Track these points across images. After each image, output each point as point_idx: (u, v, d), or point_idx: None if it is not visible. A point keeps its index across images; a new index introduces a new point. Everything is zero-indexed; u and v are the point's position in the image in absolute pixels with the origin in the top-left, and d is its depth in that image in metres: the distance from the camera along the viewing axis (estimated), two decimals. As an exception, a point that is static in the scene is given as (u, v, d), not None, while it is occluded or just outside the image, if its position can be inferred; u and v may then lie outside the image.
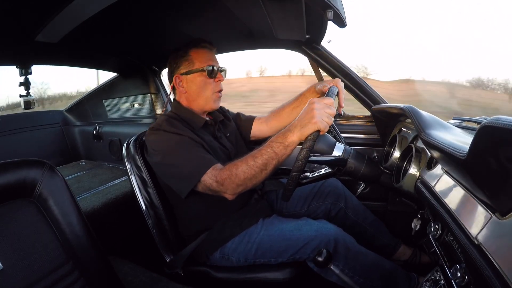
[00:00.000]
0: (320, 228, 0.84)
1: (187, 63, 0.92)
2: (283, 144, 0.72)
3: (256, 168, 0.73)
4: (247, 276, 0.86)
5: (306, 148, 0.67)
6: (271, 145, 0.73)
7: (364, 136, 1.32)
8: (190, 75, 0.92)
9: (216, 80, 0.93)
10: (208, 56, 0.93)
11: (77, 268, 0.59)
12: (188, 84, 0.93)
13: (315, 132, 0.68)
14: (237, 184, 0.75)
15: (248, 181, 0.74)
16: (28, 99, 1.33)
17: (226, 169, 0.76)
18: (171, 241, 0.96)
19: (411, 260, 1.08)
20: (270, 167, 0.73)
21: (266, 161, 0.72)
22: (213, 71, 0.92)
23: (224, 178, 0.75)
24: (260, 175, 0.74)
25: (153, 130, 0.87)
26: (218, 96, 0.96)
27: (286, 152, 0.72)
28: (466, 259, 0.49)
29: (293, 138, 0.71)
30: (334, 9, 0.68)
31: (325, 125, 0.68)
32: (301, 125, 0.69)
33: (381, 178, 0.93)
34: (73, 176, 1.77)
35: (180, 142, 0.83)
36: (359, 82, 1.23)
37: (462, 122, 0.96)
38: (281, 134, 0.73)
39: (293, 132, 0.70)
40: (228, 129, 1.07)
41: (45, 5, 0.75)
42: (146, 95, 1.71)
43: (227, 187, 0.76)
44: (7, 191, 0.54)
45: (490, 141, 0.38)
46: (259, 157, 0.73)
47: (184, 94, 0.95)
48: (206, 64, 0.91)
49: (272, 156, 0.72)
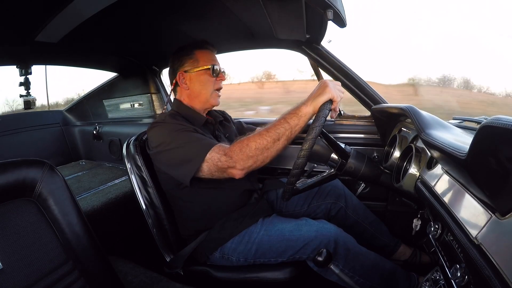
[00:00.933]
0: (320, 228, 0.84)
1: (191, 61, 0.94)
2: (296, 115, 0.73)
3: (268, 138, 0.73)
4: (247, 275, 0.86)
5: (321, 115, 0.68)
6: (284, 117, 0.74)
7: (364, 136, 1.32)
8: (194, 72, 0.94)
9: (218, 79, 0.96)
10: (211, 56, 0.97)
11: (77, 268, 0.59)
12: (192, 81, 0.95)
13: (329, 101, 0.70)
14: (247, 155, 0.73)
15: (260, 153, 0.73)
16: (28, 99, 1.33)
17: (237, 143, 0.76)
18: (171, 241, 0.96)
19: (411, 260, 1.08)
20: (283, 139, 0.73)
21: (279, 131, 0.73)
22: (216, 70, 0.94)
23: (234, 149, 0.75)
24: (272, 146, 0.73)
25: (156, 123, 0.88)
26: (217, 94, 0.98)
27: (300, 123, 0.73)
28: (466, 259, 0.49)
29: (307, 108, 0.72)
30: (334, 9, 0.68)
31: (338, 94, 0.71)
32: (315, 96, 0.72)
33: (381, 178, 0.93)
34: (73, 176, 1.78)
35: (184, 129, 0.83)
36: (359, 82, 1.23)
37: (462, 122, 0.96)
38: (295, 108, 0.75)
39: (307, 104, 0.73)
40: (227, 130, 1.07)
41: (45, 5, 0.75)
42: (146, 95, 1.72)
43: (236, 160, 0.74)
44: (7, 191, 0.54)
45: (490, 141, 0.37)
46: (272, 128, 0.74)
47: (186, 91, 0.96)
48: (210, 63, 0.94)
49: (285, 127, 0.73)
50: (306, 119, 0.73)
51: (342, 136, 1.33)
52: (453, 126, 0.81)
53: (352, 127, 1.35)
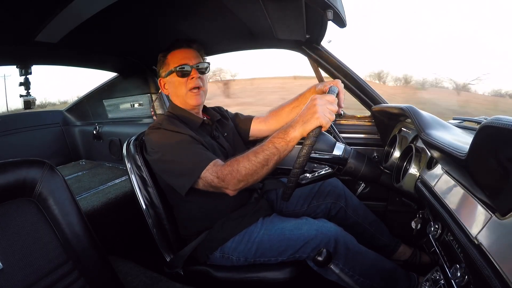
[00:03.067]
0: (320, 227, 0.84)
1: (164, 66, 0.95)
2: (284, 140, 0.72)
3: (257, 163, 0.73)
4: (247, 275, 0.86)
5: (308, 144, 0.67)
6: (272, 141, 0.73)
7: (364, 136, 1.32)
8: (167, 77, 0.95)
9: (189, 78, 0.92)
10: (182, 55, 0.92)
11: (77, 268, 0.59)
12: (169, 86, 0.96)
13: (317, 128, 0.68)
14: (238, 179, 0.75)
15: (249, 177, 0.75)
16: (28, 99, 1.33)
17: (228, 165, 0.77)
18: (171, 241, 0.96)
19: (411, 260, 1.08)
20: (272, 163, 0.74)
21: (267, 156, 0.73)
22: (184, 70, 0.91)
23: (226, 173, 0.76)
24: (261, 171, 0.74)
25: (153, 128, 0.88)
26: (194, 93, 0.93)
27: (288, 148, 0.72)
28: (466, 259, 0.49)
29: (295, 133, 0.71)
30: (334, 9, 0.68)
31: (327, 120, 0.68)
32: (303, 120, 0.69)
33: (381, 178, 0.93)
34: (73, 176, 1.78)
35: (181, 139, 0.83)
36: (359, 82, 1.23)
37: (462, 122, 0.96)
38: (283, 130, 0.73)
39: (295, 128, 0.71)
40: (225, 129, 1.07)
41: (45, 5, 0.75)
42: (146, 95, 1.71)
43: (228, 183, 0.76)
44: (7, 191, 0.54)
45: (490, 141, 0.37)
46: (260, 153, 0.74)
47: (171, 95, 0.99)
48: (178, 64, 0.91)
49: (274, 152, 0.73)
50: (294, 143, 0.72)
51: (342, 136, 1.33)
52: (453, 126, 0.81)
53: (352, 127, 1.35)
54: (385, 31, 21.24)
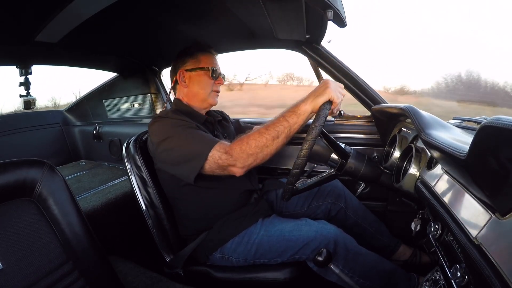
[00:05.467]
0: (319, 228, 0.84)
1: (193, 61, 0.96)
2: (295, 113, 0.73)
3: (267, 135, 0.73)
4: (247, 276, 0.86)
5: (321, 115, 0.68)
6: (283, 115, 0.74)
7: (364, 136, 1.32)
8: (194, 72, 0.96)
9: (216, 82, 0.99)
10: (213, 60, 1.00)
11: (77, 268, 0.59)
12: (191, 80, 0.97)
13: (328, 102, 0.70)
14: (247, 153, 0.74)
15: (259, 151, 0.74)
16: (28, 99, 1.33)
17: (237, 141, 0.77)
18: (171, 241, 0.96)
19: (411, 260, 1.08)
20: (282, 136, 0.74)
21: (278, 129, 0.73)
22: (216, 73, 0.97)
23: (234, 147, 0.75)
24: (271, 144, 0.74)
25: (158, 118, 0.89)
26: (216, 94, 1.01)
27: (298, 121, 0.73)
28: (466, 259, 0.49)
29: (306, 107, 0.72)
30: (334, 9, 0.68)
31: (338, 96, 0.71)
32: (315, 95, 0.72)
33: (381, 178, 0.93)
34: (73, 176, 1.78)
35: (186, 126, 0.84)
36: (359, 82, 1.22)
37: (462, 122, 0.95)
38: (294, 106, 0.74)
39: (306, 102, 0.73)
40: (226, 130, 1.08)
41: (45, 5, 0.75)
42: (146, 95, 1.72)
43: (236, 158, 0.74)
44: (7, 191, 0.54)
45: (490, 141, 0.37)
46: (271, 126, 0.74)
47: (184, 90, 0.98)
48: (211, 66, 0.97)
49: (284, 125, 0.73)
50: (305, 117, 0.73)
51: (342, 136, 1.33)
52: (453, 126, 0.81)
53: (352, 127, 1.35)
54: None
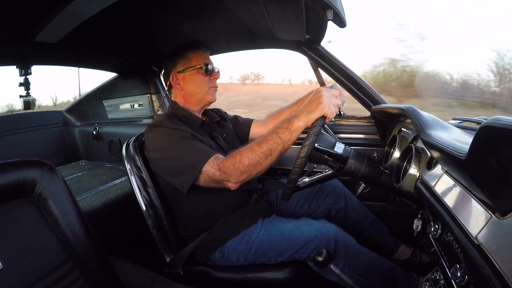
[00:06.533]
0: (320, 228, 0.84)
1: (184, 61, 0.94)
2: (288, 130, 0.71)
3: (261, 154, 0.72)
4: (247, 275, 0.86)
5: (313, 133, 0.66)
6: (276, 131, 0.73)
7: (364, 136, 1.32)
8: (187, 72, 0.94)
9: (212, 78, 0.97)
10: (204, 56, 0.97)
11: (77, 268, 0.59)
12: (185, 82, 0.95)
13: (321, 117, 0.68)
14: (241, 171, 0.74)
15: (252, 168, 0.73)
16: (28, 99, 1.33)
17: (230, 157, 0.76)
18: (171, 241, 0.96)
19: (411, 260, 1.08)
20: (275, 154, 0.73)
21: (271, 147, 0.72)
22: (209, 69, 0.95)
23: (228, 165, 0.75)
24: (265, 161, 0.73)
25: (153, 126, 0.88)
26: (214, 90, 0.99)
27: (292, 138, 0.72)
28: (466, 259, 0.49)
29: (299, 123, 0.70)
30: (334, 9, 0.68)
31: (332, 111, 0.68)
32: (308, 110, 0.69)
33: (381, 178, 0.93)
34: (73, 176, 1.78)
35: (181, 136, 0.83)
36: (359, 82, 1.23)
37: (462, 122, 0.96)
38: (287, 121, 0.73)
39: (299, 118, 0.70)
40: (224, 130, 1.07)
41: (45, 5, 0.75)
42: (146, 95, 1.71)
43: (230, 175, 0.74)
44: (7, 191, 0.54)
45: (490, 141, 0.37)
46: (264, 143, 0.73)
47: (180, 92, 0.97)
48: (202, 62, 0.94)
49: (278, 142, 0.72)
50: (298, 133, 0.72)
51: (342, 136, 1.33)
52: (453, 127, 0.81)
53: (352, 127, 1.35)
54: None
